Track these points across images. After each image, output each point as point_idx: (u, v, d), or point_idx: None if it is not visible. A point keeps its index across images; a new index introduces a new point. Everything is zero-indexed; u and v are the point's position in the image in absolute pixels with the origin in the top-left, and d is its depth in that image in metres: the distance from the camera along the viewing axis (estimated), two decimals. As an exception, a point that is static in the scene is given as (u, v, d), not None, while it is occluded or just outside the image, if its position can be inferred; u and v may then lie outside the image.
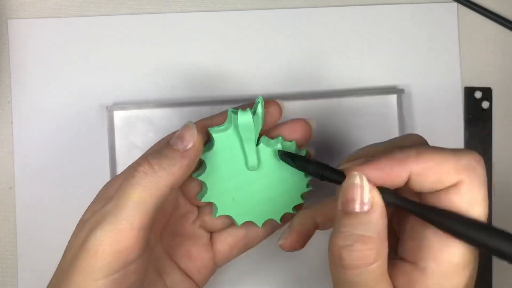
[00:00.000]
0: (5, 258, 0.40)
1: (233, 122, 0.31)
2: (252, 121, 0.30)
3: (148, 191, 0.27)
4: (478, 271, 0.26)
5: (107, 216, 0.27)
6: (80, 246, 0.27)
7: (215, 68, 0.41)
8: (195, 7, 0.42)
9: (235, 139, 0.31)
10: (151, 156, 0.28)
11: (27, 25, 0.41)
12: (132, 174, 0.28)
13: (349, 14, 0.42)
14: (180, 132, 0.29)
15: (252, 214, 0.33)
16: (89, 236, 0.27)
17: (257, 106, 0.31)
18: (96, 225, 0.27)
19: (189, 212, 0.34)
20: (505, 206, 0.42)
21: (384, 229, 0.25)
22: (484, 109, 0.42)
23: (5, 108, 0.41)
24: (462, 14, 0.42)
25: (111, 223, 0.26)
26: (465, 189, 0.24)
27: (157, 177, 0.27)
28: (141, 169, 0.27)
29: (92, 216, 0.28)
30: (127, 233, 0.26)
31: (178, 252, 0.33)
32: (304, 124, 0.32)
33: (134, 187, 0.27)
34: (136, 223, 0.27)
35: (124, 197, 0.27)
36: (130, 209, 0.27)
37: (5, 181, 0.40)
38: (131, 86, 0.41)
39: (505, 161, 0.42)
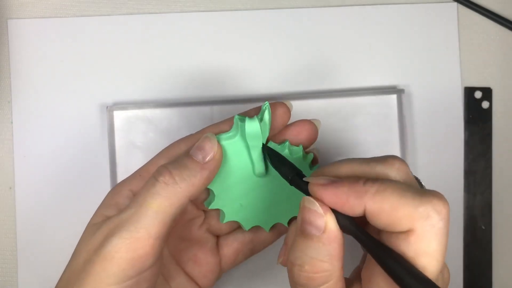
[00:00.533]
0: (5, 258, 0.40)
1: (240, 129, 0.30)
2: (259, 130, 0.30)
3: (168, 201, 0.27)
4: (478, 271, 0.26)
5: (125, 223, 0.27)
6: (95, 251, 0.27)
7: (215, 68, 0.41)
8: (195, 7, 0.42)
9: (242, 146, 0.31)
10: (172, 167, 0.28)
11: (27, 25, 0.41)
12: (152, 184, 0.28)
13: (349, 14, 0.42)
14: (200, 143, 0.29)
15: (260, 219, 0.33)
16: (105, 242, 0.27)
17: (264, 113, 0.30)
18: (113, 231, 0.27)
19: (196, 217, 0.34)
20: (505, 206, 0.42)
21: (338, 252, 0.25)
22: (484, 109, 0.42)
23: (5, 108, 0.41)
24: (462, 14, 0.42)
25: (129, 231, 0.27)
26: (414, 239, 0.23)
27: (178, 187, 0.27)
28: (162, 179, 0.28)
29: (105, 221, 0.28)
30: (144, 242, 0.27)
31: (184, 257, 0.33)
32: (310, 125, 0.32)
33: (154, 196, 0.27)
34: (154, 232, 0.27)
35: (144, 205, 0.27)
36: (149, 218, 0.27)
37: (5, 181, 0.40)
38: (131, 86, 0.41)
39: (505, 161, 0.42)
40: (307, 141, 0.32)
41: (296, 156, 0.31)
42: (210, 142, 0.29)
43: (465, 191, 0.42)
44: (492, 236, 0.41)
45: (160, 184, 0.27)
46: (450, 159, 0.42)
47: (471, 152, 0.42)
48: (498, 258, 0.41)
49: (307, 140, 0.32)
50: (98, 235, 0.28)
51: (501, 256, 0.41)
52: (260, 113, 0.31)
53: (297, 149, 0.32)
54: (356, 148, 0.41)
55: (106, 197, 0.31)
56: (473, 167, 0.42)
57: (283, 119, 0.32)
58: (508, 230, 0.42)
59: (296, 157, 0.31)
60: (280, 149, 0.31)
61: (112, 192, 0.31)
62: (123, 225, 0.27)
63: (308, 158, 0.32)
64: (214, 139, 0.29)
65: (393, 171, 0.25)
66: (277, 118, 0.32)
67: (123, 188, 0.31)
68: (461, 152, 0.42)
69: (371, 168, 0.25)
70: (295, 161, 0.31)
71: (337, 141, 0.41)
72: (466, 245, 0.41)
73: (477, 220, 0.41)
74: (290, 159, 0.31)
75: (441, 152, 0.42)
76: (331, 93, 0.41)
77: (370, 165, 0.25)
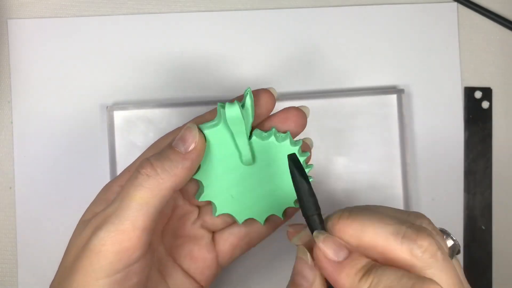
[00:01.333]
0: (5, 258, 0.40)
1: (222, 116, 0.30)
2: (240, 114, 0.29)
3: (151, 193, 0.27)
4: (478, 271, 0.26)
5: (110, 217, 0.27)
6: (83, 246, 0.27)
7: (215, 68, 0.41)
8: (195, 7, 0.42)
9: (227, 134, 0.30)
10: (154, 158, 0.28)
11: (27, 25, 0.41)
12: (135, 176, 0.28)
13: (349, 14, 0.42)
14: (182, 133, 0.29)
15: (253, 211, 0.32)
16: (92, 236, 0.27)
17: (246, 98, 0.30)
18: (99, 225, 0.27)
19: (189, 212, 0.34)
20: (505, 206, 0.42)
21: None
22: (484, 109, 0.42)
23: (5, 108, 0.41)
24: (462, 14, 0.42)
25: (114, 224, 0.27)
26: None
27: (160, 179, 0.28)
28: (144, 171, 0.28)
29: (94, 217, 0.28)
30: (130, 234, 0.27)
31: (181, 253, 0.33)
32: (298, 112, 0.32)
33: (137, 188, 0.27)
34: (138, 224, 0.27)
35: (127, 198, 0.27)
36: (133, 210, 0.27)
37: (5, 181, 0.40)
38: (131, 86, 0.41)
39: (505, 161, 0.42)
40: (295, 128, 0.32)
41: (282, 142, 0.31)
42: (191, 132, 0.29)
43: (465, 191, 0.42)
44: (492, 236, 0.41)
45: (142, 176, 0.28)
46: (450, 159, 0.42)
47: (471, 152, 0.42)
48: (498, 258, 0.41)
49: (295, 127, 0.32)
50: (86, 230, 0.28)
51: (501, 256, 0.41)
52: (242, 99, 0.30)
53: (284, 135, 0.31)
54: (356, 148, 0.41)
55: (98, 195, 0.31)
56: (473, 167, 0.42)
57: (268, 106, 0.32)
58: (508, 230, 0.42)
59: (283, 144, 0.31)
60: (266, 137, 0.31)
61: (103, 190, 0.31)
62: (108, 218, 0.27)
63: (296, 145, 0.31)
64: (195, 129, 0.29)
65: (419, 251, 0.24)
66: (261, 105, 0.31)
67: (113, 185, 0.31)
68: (461, 152, 0.42)
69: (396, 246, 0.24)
70: (282, 147, 0.31)
71: (337, 141, 0.41)
72: (466, 245, 0.41)
73: (477, 220, 0.41)
74: (277, 146, 0.31)
75: (441, 152, 0.42)
76: (331, 93, 0.41)
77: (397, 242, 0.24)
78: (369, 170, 0.41)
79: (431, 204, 0.41)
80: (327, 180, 0.40)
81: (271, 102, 0.32)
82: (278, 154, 0.31)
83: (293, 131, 0.32)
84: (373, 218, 0.25)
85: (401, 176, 0.41)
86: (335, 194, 0.40)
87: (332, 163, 0.41)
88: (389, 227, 0.24)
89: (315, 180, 0.32)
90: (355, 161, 0.41)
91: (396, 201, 0.41)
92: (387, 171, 0.41)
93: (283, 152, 0.31)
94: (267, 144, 0.31)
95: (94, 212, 0.29)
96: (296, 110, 0.32)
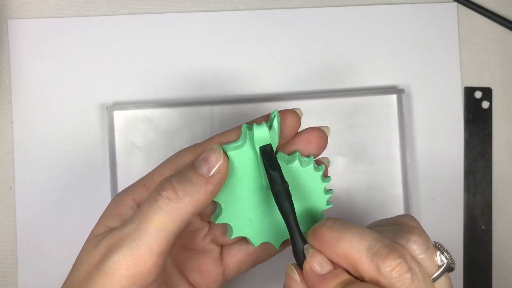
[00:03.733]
0: (5, 258, 0.40)
1: (248, 137, 0.29)
2: (268, 136, 0.28)
3: (171, 217, 0.26)
4: (478, 271, 0.26)
5: (126, 239, 0.26)
6: (96, 266, 0.26)
7: (215, 68, 0.41)
8: (195, 7, 0.42)
9: (251, 156, 0.29)
10: (175, 180, 0.27)
11: (27, 25, 0.41)
12: (155, 198, 0.27)
13: (349, 14, 0.42)
14: (205, 154, 0.28)
15: (269, 235, 0.31)
16: (106, 257, 0.26)
17: (273, 120, 0.29)
18: (114, 247, 0.26)
19: (200, 227, 0.33)
20: (505, 206, 0.42)
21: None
22: (484, 109, 0.42)
23: (5, 108, 0.41)
24: (462, 14, 0.42)
25: (131, 248, 0.26)
26: None
27: (181, 203, 0.27)
28: (165, 194, 0.27)
29: (108, 234, 0.27)
30: (146, 259, 0.26)
31: (188, 266, 0.32)
32: (320, 132, 0.31)
33: (157, 212, 0.26)
34: (155, 249, 0.26)
35: (146, 221, 0.26)
36: (151, 235, 0.26)
37: (5, 181, 0.40)
38: (131, 86, 0.41)
39: (505, 161, 0.42)
40: (318, 150, 0.31)
41: (307, 167, 0.30)
42: (215, 154, 0.28)
43: (465, 191, 0.42)
44: (492, 236, 0.41)
45: (163, 199, 0.26)
46: (450, 159, 0.42)
47: (471, 152, 0.42)
48: (498, 258, 0.41)
49: (317, 148, 0.31)
50: (100, 248, 0.27)
51: (501, 256, 0.41)
52: (270, 121, 0.29)
53: (308, 160, 0.30)
54: (356, 148, 0.41)
55: (109, 206, 0.30)
56: (473, 167, 0.42)
57: (294, 127, 0.30)
58: (508, 230, 0.42)
59: (307, 169, 0.30)
60: (290, 160, 0.30)
61: (115, 201, 0.30)
62: (124, 240, 0.26)
63: (319, 170, 0.30)
64: (220, 151, 0.28)
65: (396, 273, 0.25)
66: (287, 126, 0.30)
67: (126, 198, 0.30)
68: (461, 152, 0.42)
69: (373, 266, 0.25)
70: (306, 172, 0.30)
71: (337, 141, 0.41)
72: (466, 245, 0.41)
73: (477, 220, 0.41)
74: (301, 171, 0.30)
75: (441, 152, 0.42)
76: (331, 93, 0.41)
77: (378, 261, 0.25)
78: (369, 170, 0.41)
79: (431, 204, 0.41)
80: (327, 180, 0.40)
81: (297, 123, 0.31)
82: (301, 179, 0.30)
83: (315, 153, 0.31)
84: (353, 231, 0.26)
85: (401, 176, 0.41)
86: (335, 194, 0.40)
87: (332, 163, 0.41)
88: (365, 242, 0.25)
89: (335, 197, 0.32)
90: (355, 161, 0.41)
91: (396, 201, 0.41)
92: (387, 171, 0.41)
93: (306, 177, 0.30)
94: (290, 168, 0.30)
95: (107, 226, 0.28)
96: (319, 131, 0.31)
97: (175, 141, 0.40)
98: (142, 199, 0.29)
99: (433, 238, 0.28)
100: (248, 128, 0.29)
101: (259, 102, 0.40)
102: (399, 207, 0.41)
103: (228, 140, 0.30)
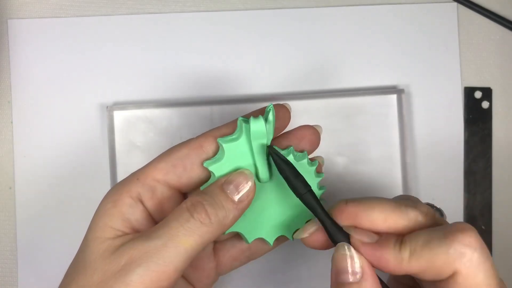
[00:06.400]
0: (5, 258, 0.40)
1: (244, 130, 0.29)
2: (265, 129, 0.29)
3: (200, 240, 0.27)
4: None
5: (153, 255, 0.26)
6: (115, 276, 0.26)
7: (215, 68, 0.41)
8: (195, 7, 0.42)
9: (246, 150, 0.29)
10: (208, 204, 0.27)
11: (27, 25, 0.41)
12: (186, 219, 0.27)
13: (349, 14, 0.42)
14: (237, 179, 0.28)
15: (263, 231, 0.31)
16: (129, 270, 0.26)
17: (269, 114, 0.29)
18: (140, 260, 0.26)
19: None
20: (505, 206, 0.42)
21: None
22: (484, 109, 0.42)
23: (5, 108, 0.41)
24: (462, 14, 0.42)
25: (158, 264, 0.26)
26: (461, 280, 0.25)
27: (212, 228, 0.27)
28: (198, 216, 0.27)
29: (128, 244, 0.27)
30: (169, 275, 0.26)
31: None
32: (313, 131, 0.32)
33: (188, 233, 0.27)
34: (180, 267, 0.26)
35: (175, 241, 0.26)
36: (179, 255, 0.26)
37: (5, 181, 0.40)
38: (131, 86, 0.41)
39: (505, 161, 0.42)
40: (310, 147, 0.32)
41: (300, 161, 0.30)
42: (246, 180, 0.28)
43: (465, 191, 0.42)
44: (492, 236, 0.41)
45: (195, 222, 0.27)
46: (450, 159, 0.42)
47: (471, 152, 0.42)
48: (498, 258, 0.41)
49: (310, 146, 0.32)
50: (120, 258, 0.27)
51: (501, 256, 0.41)
52: (265, 114, 0.29)
53: (302, 155, 0.31)
54: (356, 148, 0.41)
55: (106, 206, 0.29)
56: (473, 167, 0.42)
57: (285, 121, 0.32)
58: (508, 230, 0.42)
59: (301, 163, 0.30)
60: (284, 154, 0.30)
61: (112, 200, 0.29)
62: (150, 255, 0.26)
63: (313, 165, 0.31)
64: (251, 178, 0.29)
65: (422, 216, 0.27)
66: (279, 119, 0.31)
67: (123, 195, 0.29)
68: (461, 152, 0.42)
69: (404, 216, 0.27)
70: (300, 167, 0.30)
71: (337, 141, 0.41)
72: (466, 245, 0.41)
73: (477, 220, 0.41)
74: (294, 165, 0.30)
75: (441, 152, 0.42)
76: (331, 93, 0.41)
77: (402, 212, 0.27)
78: (369, 170, 0.41)
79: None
80: (327, 180, 0.40)
81: (288, 117, 0.32)
82: None
83: (307, 150, 0.32)
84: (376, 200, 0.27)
85: (401, 176, 0.41)
86: (335, 194, 0.40)
87: (332, 163, 0.41)
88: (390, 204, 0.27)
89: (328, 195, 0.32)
90: (355, 161, 0.41)
91: (396, 201, 0.41)
92: (387, 171, 0.41)
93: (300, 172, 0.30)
94: None
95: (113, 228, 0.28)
96: (312, 129, 0.32)
97: (175, 141, 0.40)
98: (138, 195, 0.29)
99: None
100: (244, 121, 0.29)
101: (259, 102, 0.40)
102: (399, 207, 0.41)
103: (224, 133, 0.30)
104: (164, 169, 0.30)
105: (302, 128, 0.32)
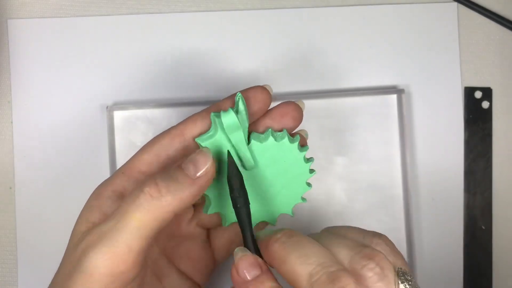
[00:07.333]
0: (5, 258, 0.40)
1: (219, 126, 0.29)
2: (237, 120, 0.29)
3: (151, 215, 0.26)
4: (478, 271, 0.26)
5: (104, 236, 0.26)
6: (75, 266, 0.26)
7: (215, 68, 0.41)
8: (195, 7, 0.42)
9: (225, 143, 0.30)
10: (160, 178, 0.27)
11: (27, 25, 0.41)
12: (136, 194, 0.26)
13: (349, 14, 0.42)
14: (193, 157, 0.28)
15: (263, 214, 0.32)
16: (84, 256, 0.26)
17: (238, 104, 0.29)
18: (92, 245, 0.26)
19: (184, 212, 0.33)
20: (505, 206, 0.42)
21: None
22: (484, 109, 0.42)
23: (5, 108, 0.41)
24: (462, 14, 0.42)
25: (109, 246, 0.25)
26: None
27: (163, 201, 0.26)
28: (147, 190, 0.26)
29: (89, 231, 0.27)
30: (125, 257, 0.25)
31: (177, 254, 0.32)
32: (295, 106, 0.31)
33: (137, 209, 0.26)
34: (134, 247, 0.26)
35: (125, 218, 0.26)
36: (129, 233, 0.25)
37: (5, 181, 0.40)
38: (131, 86, 0.41)
39: (505, 161, 0.42)
40: (293, 122, 0.31)
41: (280, 140, 0.30)
42: (204, 157, 0.28)
43: (465, 191, 0.42)
44: (492, 236, 0.41)
45: (144, 196, 0.26)
46: (450, 159, 0.42)
47: (471, 152, 0.42)
48: (498, 258, 0.41)
49: (293, 122, 0.31)
50: (80, 246, 0.26)
51: (501, 256, 0.41)
52: (235, 105, 0.29)
53: (281, 134, 0.31)
54: (356, 148, 0.41)
55: (89, 199, 0.29)
56: (473, 167, 0.42)
57: (265, 103, 0.31)
58: (508, 230, 0.42)
59: (282, 142, 0.30)
60: (264, 138, 0.30)
61: (95, 194, 0.30)
62: (102, 238, 0.26)
63: (295, 141, 0.31)
64: (209, 154, 0.28)
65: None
66: (258, 102, 0.30)
67: (105, 189, 0.29)
68: (461, 152, 0.42)
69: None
70: (282, 146, 0.30)
71: (337, 141, 0.41)
72: (466, 245, 0.41)
73: (477, 220, 0.41)
74: (277, 147, 0.30)
75: (441, 152, 0.42)
76: (331, 93, 0.41)
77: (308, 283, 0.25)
78: (369, 170, 0.41)
79: (431, 204, 0.41)
80: (327, 180, 0.40)
81: (268, 100, 0.31)
82: (279, 153, 0.31)
83: (291, 127, 0.31)
84: (300, 252, 0.26)
85: (401, 176, 0.41)
86: (335, 194, 0.40)
87: (332, 163, 0.41)
88: (309, 267, 0.25)
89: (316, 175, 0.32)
90: (355, 161, 0.41)
91: (396, 201, 0.41)
92: (387, 171, 0.41)
93: (283, 150, 0.31)
94: (266, 145, 0.30)
95: (89, 221, 0.28)
96: (294, 105, 0.31)
97: (175, 141, 0.40)
98: (122, 189, 0.29)
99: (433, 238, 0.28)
100: (217, 116, 0.29)
101: (259, 102, 0.40)
102: (399, 207, 0.41)
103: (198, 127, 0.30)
104: (148, 160, 0.29)
105: (284, 105, 0.31)
